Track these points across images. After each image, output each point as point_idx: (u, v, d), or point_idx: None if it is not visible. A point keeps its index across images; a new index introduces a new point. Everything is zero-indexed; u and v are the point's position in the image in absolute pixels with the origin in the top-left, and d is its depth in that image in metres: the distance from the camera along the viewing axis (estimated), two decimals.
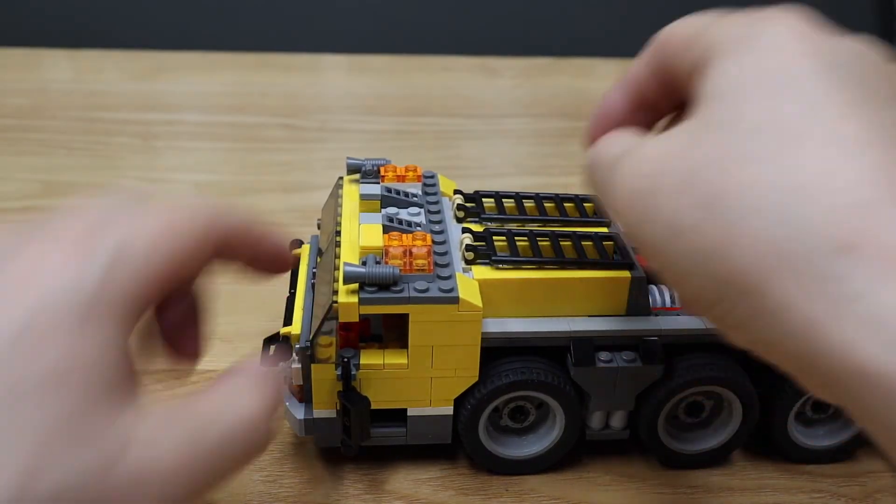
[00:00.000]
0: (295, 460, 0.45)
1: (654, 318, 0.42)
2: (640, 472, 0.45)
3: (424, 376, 0.41)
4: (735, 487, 0.44)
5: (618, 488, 0.44)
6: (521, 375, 0.41)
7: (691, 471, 0.45)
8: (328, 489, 0.43)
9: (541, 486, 0.44)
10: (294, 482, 0.43)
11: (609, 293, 0.42)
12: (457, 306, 0.39)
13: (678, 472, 0.45)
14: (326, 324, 0.39)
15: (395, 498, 0.43)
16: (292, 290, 0.45)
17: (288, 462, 0.45)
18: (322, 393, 0.40)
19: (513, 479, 0.44)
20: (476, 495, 0.43)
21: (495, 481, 0.44)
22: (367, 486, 0.43)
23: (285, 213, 0.69)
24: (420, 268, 0.40)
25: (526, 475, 0.44)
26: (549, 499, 0.43)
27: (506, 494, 0.43)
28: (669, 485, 0.44)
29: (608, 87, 0.34)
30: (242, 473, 0.43)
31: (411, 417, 0.42)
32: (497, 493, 0.43)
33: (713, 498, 0.44)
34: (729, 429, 0.44)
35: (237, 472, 0.28)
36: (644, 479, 0.45)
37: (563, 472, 0.45)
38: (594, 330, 0.42)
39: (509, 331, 0.41)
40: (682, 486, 0.44)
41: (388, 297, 0.38)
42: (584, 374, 0.41)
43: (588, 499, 0.43)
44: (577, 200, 0.47)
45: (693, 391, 0.43)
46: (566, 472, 0.45)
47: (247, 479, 0.43)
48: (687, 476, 0.45)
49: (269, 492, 0.43)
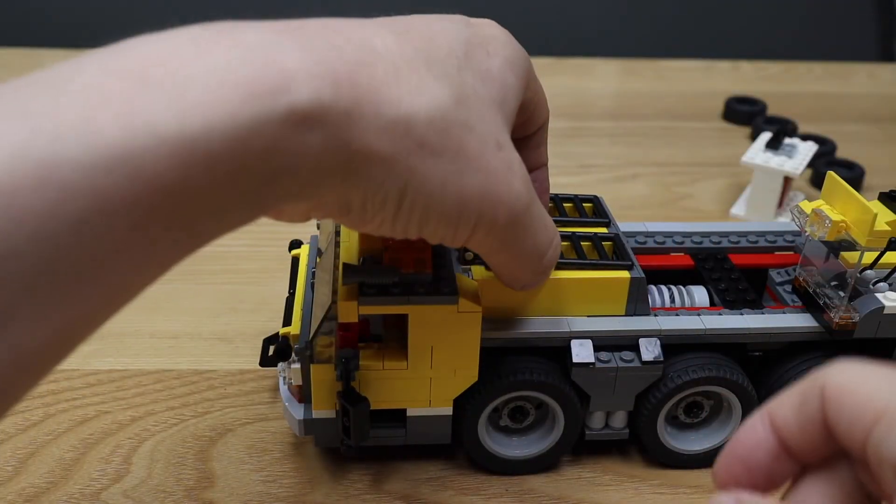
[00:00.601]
0: (295, 460, 0.45)
1: (654, 319, 0.42)
2: (640, 472, 0.45)
3: (424, 376, 0.41)
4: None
5: (618, 488, 0.44)
6: (520, 376, 0.41)
7: (691, 471, 0.45)
8: (328, 489, 0.43)
9: (541, 486, 0.44)
10: (294, 482, 0.43)
11: (608, 293, 0.42)
12: (456, 306, 0.39)
13: (678, 472, 0.45)
14: (326, 324, 0.39)
15: (395, 498, 0.43)
16: (292, 291, 0.45)
17: (288, 462, 0.45)
18: (321, 393, 0.40)
19: (513, 479, 0.44)
20: (476, 495, 0.43)
21: (495, 481, 0.44)
22: (367, 486, 0.43)
23: None
24: (419, 268, 0.40)
25: (526, 475, 0.44)
26: (549, 499, 0.43)
27: (506, 494, 0.43)
28: (669, 485, 0.44)
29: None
30: (242, 473, 0.43)
31: (411, 418, 0.42)
32: (497, 493, 0.43)
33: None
34: (728, 429, 0.44)
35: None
36: (644, 479, 0.45)
37: (563, 472, 0.45)
38: (594, 330, 0.42)
39: (509, 331, 0.41)
40: (682, 486, 0.44)
41: (387, 297, 0.38)
42: (584, 374, 0.41)
43: (588, 499, 0.43)
44: (577, 200, 0.47)
45: (692, 391, 0.43)
46: (566, 472, 0.45)
47: (247, 479, 0.44)
48: (687, 476, 0.45)
49: (269, 492, 0.43)
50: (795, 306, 0.44)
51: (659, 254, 0.49)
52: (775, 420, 0.27)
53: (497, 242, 0.33)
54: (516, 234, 0.33)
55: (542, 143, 0.40)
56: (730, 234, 0.50)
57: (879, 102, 1.00)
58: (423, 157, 0.28)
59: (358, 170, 0.28)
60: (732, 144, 0.86)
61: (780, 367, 0.43)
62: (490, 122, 0.31)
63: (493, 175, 0.30)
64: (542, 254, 0.35)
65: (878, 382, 0.24)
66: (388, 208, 0.30)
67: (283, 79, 0.25)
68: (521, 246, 0.34)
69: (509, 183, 0.31)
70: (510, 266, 0.36)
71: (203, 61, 0.24)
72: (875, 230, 0.39)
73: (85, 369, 0.51)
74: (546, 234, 0.35)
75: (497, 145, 0.31)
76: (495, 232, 0.32)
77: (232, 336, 0.54)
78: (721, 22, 1.19)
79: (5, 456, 0.44)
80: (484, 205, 0.31)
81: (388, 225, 0.30)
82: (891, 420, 0.23)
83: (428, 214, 0.30)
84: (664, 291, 0.46)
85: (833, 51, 1.16)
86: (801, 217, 0.42)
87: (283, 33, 0.26)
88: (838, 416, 0.25)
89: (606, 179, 0.78)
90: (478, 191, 0.30)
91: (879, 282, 0.42)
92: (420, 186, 0.29)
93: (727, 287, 0.46)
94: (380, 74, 0.28)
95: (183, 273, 0.60)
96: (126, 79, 0.23)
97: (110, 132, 0.21)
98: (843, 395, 0.25)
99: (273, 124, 0.24)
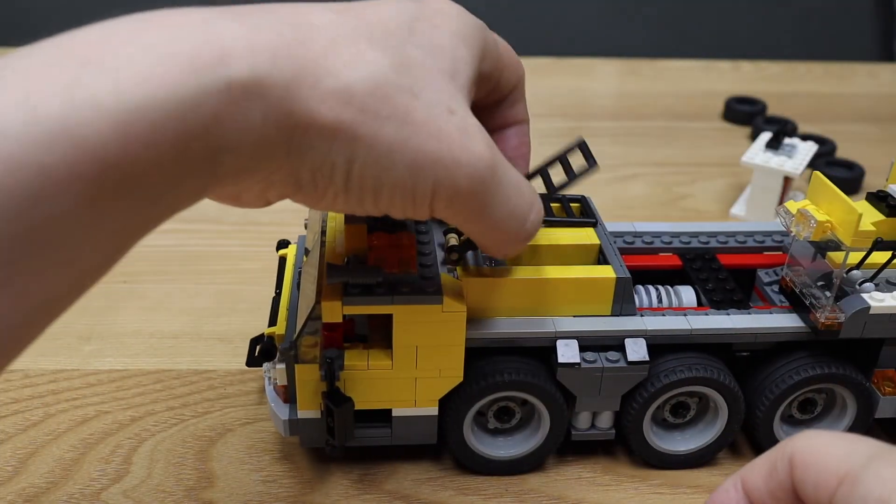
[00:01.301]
0: (295, 460, 0.45)
1: (640, 319, 0.42)
2: (640, 472, 0.45)
3: (409, 377, 0.41)
4: None
5: (618, 488, 0.44)
6: (505, 376, 0.41)
7: (691, 471, 0.45)
8: (328, 489, 0.43)
9: (541, 486, 0.44)
10: (294, 482, 0.43)
11: (594, 293, 0.42)
12: (441, 306, 0.39)
13: (678, 472, 0.45)
14: (310, 324, 0.39)
15: (395, 498, 0.43)
16: (278, 291, 0.46)
17: (288, 462, 0.45)
18: (306, 393, 0.40)
19: (513, 479, 0.44)
20: (476, 495, 0.43)
21: (495, 481, 0.44)
22: (367, 486, 0.43)
23: (285, 212, 0.69)
24: (404, 268, 0.40)
25: (514, 475, 0.44)
26: (549, 499, 0.43)
27: (506, 494, 0.43)
28: (669, 485, 0.44)
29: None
30: (242, 473, 0.43)
31: (396, 418, 0.42)
32: (497, 493, 0.43)
33: None
34: (715, 429, 0.44)
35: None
36: (644, 479, 0.45)
37: (564, 472, 0.45)
38: (579, 330, 0.42)
39: (494, 331, 0.41)
40: (682, 485, 0.44)
41: (371, 297, 0.38)
42: (570, 374, 0.41)
43: (588, 499, 0.43)
44: (564, 201, 0.47)
45: (678, 391, 0.43)
46: (566, 472, 0.45)
47: (247, 479, 0.44)
48: (687, 476, 0.45)
49: (268, 492, 0.43)
50: (782, 307, 0.44)
51: (647, 254, 0.49)
52: (747, 484, 0.29)
53: (466, 211, 0.32)
54: (485, 201, 0.32)
55: (517, 100, 0.39)
56: (718, 235, 0.50)
57: (879, 102, 1.00)
58: (366, 125, 0.28)
59: (301, 142, 0.28)
60: (732, 144, 0.86)
61: (768, 368, 0.43)
62: (439, 91, 0.31)
63: (446, 139, 0.30)
64: (521, 220, 0.34)
65: (841, 449, 0.27)
66: (337, 180, 0.30)
67: (221, 53, 0.25)
68: (494, 213, 0.33)
69: (465, 146, 0.31)
70: (489, 235, 0.35)
71: (144, 40, 0.24)
72: (860, 230, 0.39)
73: (85, 369, 0.51)
74: (521, 199, 0.34)
75: (448, 111, 0.30)
76: (460, 199, 0.31)
77: (232, 336, 0.54)
78: (721, 22, 1.19)
79: (5, 456, 0.45)
80: (438, 169, 0.30)
81: (341, 199, 0.30)
82: (852, 482, 0.25)
83: (380, 184, 0.30)
84: (651, 291, 0.46)
85: (833, 51, 1.16)
86: (786, 217, 0.42)
87: (223, 13, 0.27)
88: (805, 480, 0.27)
89: (606, 179, 0.78)
90: (430, 156, 0.30)
91: (866, 282, 0.42)
92: (367, 155, 0.29)
93: (714, 287, 0.46)
94: (318, 47, 0.28)
95: (183, 273, 0.61)
96: (68, 60, 0.23)
97: (52, 106, 0.22)
98: (809, 460, 0.27)
99: (213, 97, 0.25)
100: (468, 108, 0.32)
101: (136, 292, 0.58)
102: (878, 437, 0.46)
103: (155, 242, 0.64)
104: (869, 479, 0.25)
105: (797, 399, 0.44)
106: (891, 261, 0.42)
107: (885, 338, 0.43)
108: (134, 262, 0.61)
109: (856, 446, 0.27)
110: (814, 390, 0.44)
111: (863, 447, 0.27)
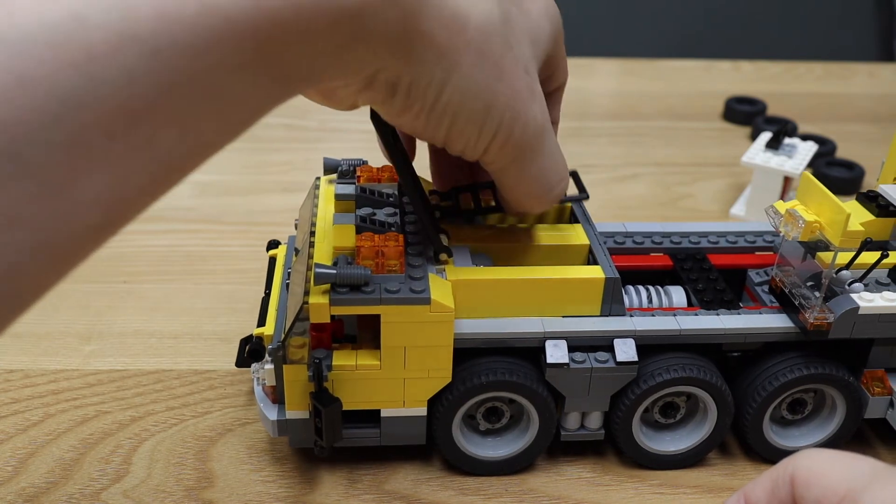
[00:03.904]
0: (295, 460, 0.45)
1: (629, 319, 0.42)
2: (640, 472, 0.45)
3: (397, 377, 0.41)
4: (736, 488, 0.43)
5: (618, 488, 0.44)
6: (494, 376, 0.41)
7: (691, 470, 0.45)
8: (328, 489, 0.43)
9: (541, 486, 0.44)
10: (294, 482, 0.44)
11: (583, 293, 0.42)
12: (428, 307, 0.39)
13: (678, 472, 0.45)
14: (298, 324, 0.39)
15: (395, 498, 0.43)
16: (268, 291, 0.46)
17: (288, 462, 0.45)
18: (294, 394, 0.41)
19: (513, 479, 0.44)
20: (476, 495, 0.43)
21: (495, 481, 0.44)
22: (367, 486, 0.43)
23: (285, 212, 0.69)
24: (392, 268, 0.40)
25: (503, 476, 0.44)
26: (549, 499, 0.43)
27: (506, 494, 0.43)
28: (669, 485, 0.44)
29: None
30: (242, 473, 0.44)
31: (385, 418, 0.42)
32: (497, 493, 0.43)
33: (714, 498, 0.43)
34: (704, 429, 0.44)
35: None
36: (644, 479, 0.45)
37: (563, 472, 0.45)
38: (568, 331, 0.41)
39: (482, 331, 0.41)
40: (682, 486, 0.44)
41: (359, 297, 0.38)
42: (558, 375, 0.41)
43: (588, 499, 0.43)
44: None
45: (667, 392, 0.43)
46: (566, 472, 0.45)
47: (247, 479, 0.44)
48: (687, 476, 0.45)
49: (268, 492, 0.43)
50: (773, 307, 0.44)
51: (637, 254, 0.49)
52: (749, 500, 0.30)
53: (511, 155, 0.36)
54: (530, 152, 0.37)
55: (556, 102, 0.43)
56: (709, 235, 0.50)
57: (879, 102, 0.99)
58: (468, 56, 0.32)
59: (414, 51, 0.31)
60: (732, 144, 0.86)
61: (757, 368, 0.43)
62: (524, 50, 0.35)
63: (518, 93, 0.34)
64: (550, 184, 0.39)
65: (841, 469, 0.28)
66: (429, 96, 0.32)
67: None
68: (532, 165, 0.38)
69: (529, 105, 0.35)
70: (519, 186, 0.39)
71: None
72: (848, 230, 0.39)
73: (85, 369, 0.51)
74: (556, 166, 0.39)
75: (525, 70, 0.35)
76: (511, 143, 0.36)
77: (232, 336, 0.54)
78: (721, 22, 1.19)
79: (5, 456, 0.45)
80: (506, 115, 0.34)
81: (423, 118, 0.33)
82: (853, 500, 0.26)
83: (460, 111, 0.33)
84: (641, 292, 0.46)
85: (833, 51, 1.16)
86: (775, 217, 0.42)
87: None
88: (806, 498, 0.28)
89: (606, 179, 0.78)
90: (504, 101, 0.34)
91: (855, 282, 0.42)
92: (459, 81, 0.32)
93: (705, 287, 0.46)
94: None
95: (183, 273, 0.61)
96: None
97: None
98: (810, 479, 0.28)
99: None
100: (537, 74, 0.37)
101: (136, 292, 0.59)
102: (867, 437, 0.47)
103: (155, 242, 0.65)
104: (869, 499, 0.26)
105: (787, 399, 0.44)
106: (880, 261, 0.42)
107: (874, 338, 0.43)
108: (134, 262, 0.62)
109: (856, 466, 0.28)
110: (803, 391, 0.44)
111: (863, 467, 0.28)
